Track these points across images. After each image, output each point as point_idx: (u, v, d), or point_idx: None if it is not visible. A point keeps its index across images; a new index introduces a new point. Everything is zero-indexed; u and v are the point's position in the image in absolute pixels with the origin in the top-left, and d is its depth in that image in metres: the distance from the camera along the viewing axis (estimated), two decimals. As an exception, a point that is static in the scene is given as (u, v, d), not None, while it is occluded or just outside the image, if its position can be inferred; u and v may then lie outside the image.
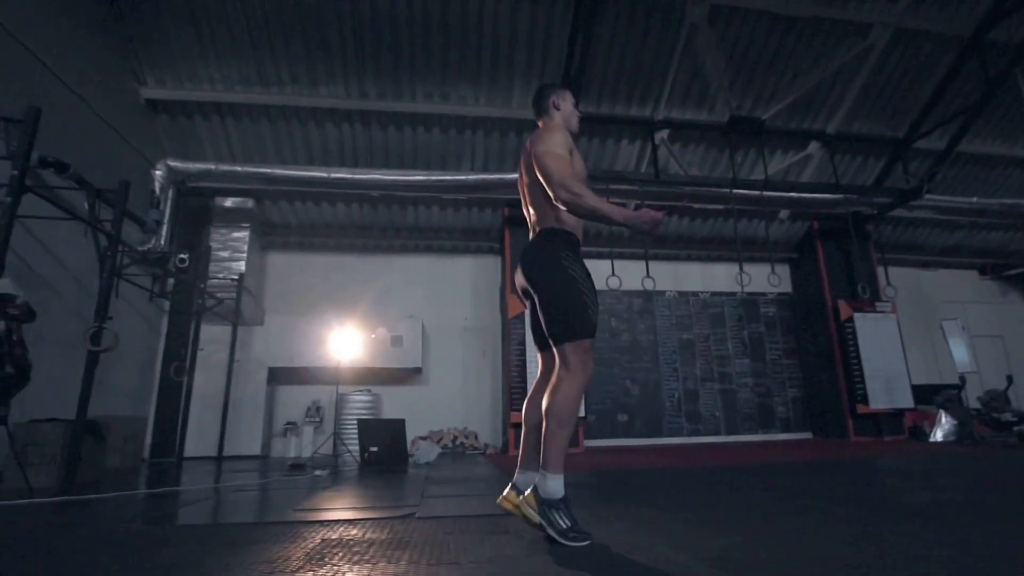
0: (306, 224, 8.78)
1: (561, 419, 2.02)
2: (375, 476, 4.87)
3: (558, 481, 2.00)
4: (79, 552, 1.99)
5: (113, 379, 6.46)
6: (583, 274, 2.17)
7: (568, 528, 1.94)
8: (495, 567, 1.65)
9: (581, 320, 2.09)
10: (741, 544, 1.89)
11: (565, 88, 2.52)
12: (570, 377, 2.06)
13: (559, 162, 2.13)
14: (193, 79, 7.08)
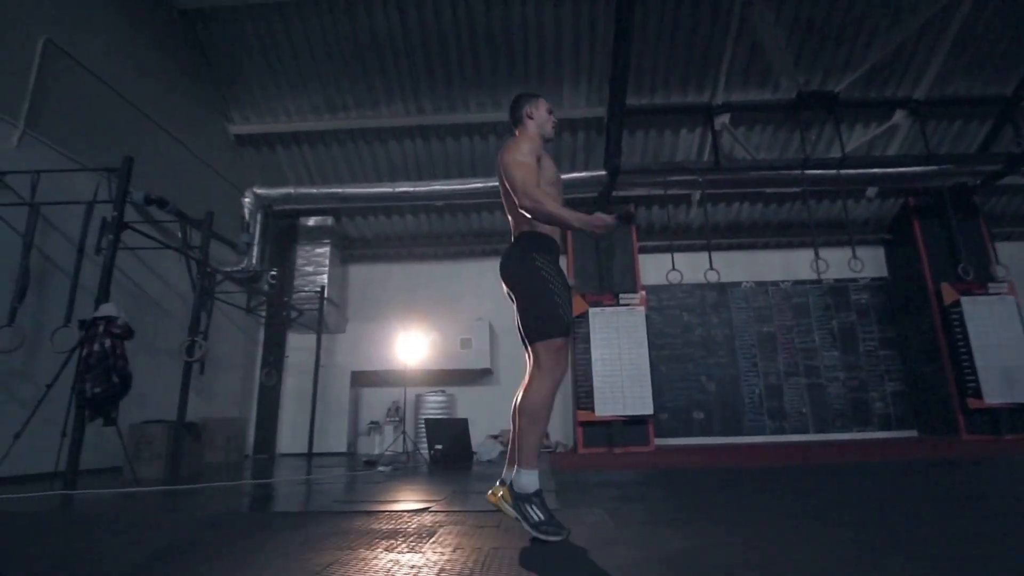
0: (380, 236, 9.38)
1: (533, 416, 2.11)
2: (434, 472, 5.15)
3: (531, 476, 2.09)
4: (181, 532, 2.38)
5: (218, 385, 7.33)
6: (556, 276, 2.24)
7: (540, 521, 2.02)
8: (470, 554, 1.78)
9: (552, 320, 2.16)
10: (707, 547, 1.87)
11: (538, 96, 2.59)
12: (542, 375, 2.14)
13: (522, 170, 2.22)
14: (272, 113, 7.86)
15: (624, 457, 6.55)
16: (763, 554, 1.72)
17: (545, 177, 2.33)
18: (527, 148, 2.30)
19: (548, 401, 2.14)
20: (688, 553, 1.75)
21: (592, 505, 2.83)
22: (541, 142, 2.50)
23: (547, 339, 2.15)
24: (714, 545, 1.86)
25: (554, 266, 2.28)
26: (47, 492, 3.67)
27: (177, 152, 6.83)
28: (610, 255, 8.36)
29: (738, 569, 1.54)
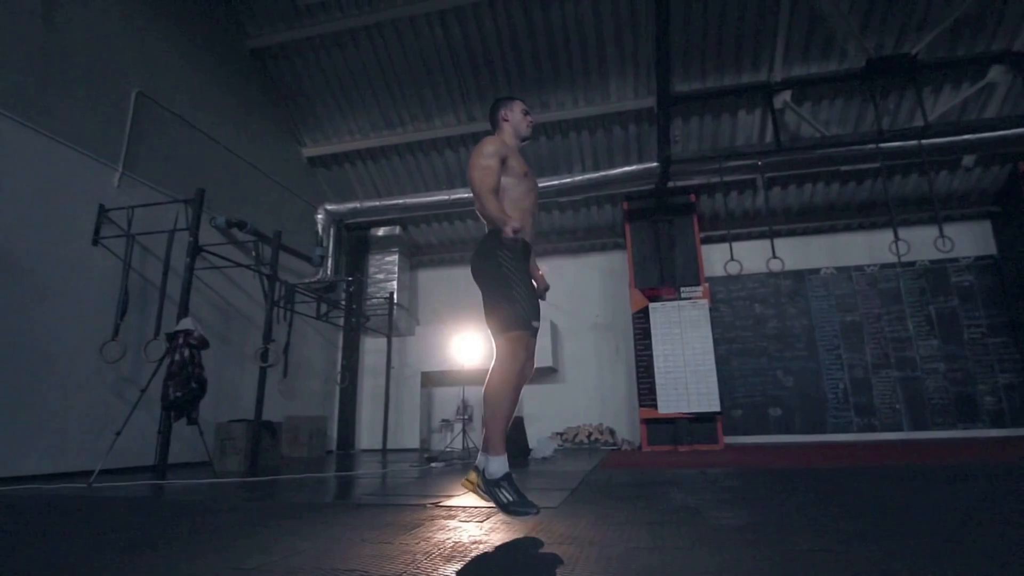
0: (444, 242, 9.77)
1: (492, 405, 2.21)
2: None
3: (498, 461, 2.19)
4: (261, 517, 2.76)
5: (301, 386, 8.04)
6: (518, 272, 2.32)
7: (510, 502, 2.13)
8: (433, 546, 1.93)
9: (511, 314, 2.25)
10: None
11: (513, 99, 2.67)
12: (499, 366, 2.24)
13: (479, 171, 2.33)
14: (337, 134, 8.47)
15: (690, 456, 6.37)
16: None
17: (512, 175, 2.43)
18: (489, 151, 2.40)
19: (505, 391, 2.22)
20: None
21: (622, 508, 2.86)
22: (516, 142, 2.60)
23: (506, 332, 2.25)
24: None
25: (518, 263, 2.35)
26: (142, 482, 4.29)
27: (256, 178, 7.58)
28: (671, 248, 8.12)
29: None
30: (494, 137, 2.49)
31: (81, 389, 4.78)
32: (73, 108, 5.15)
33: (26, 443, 4.36)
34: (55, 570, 1.64)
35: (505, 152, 2.43)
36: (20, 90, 4.69)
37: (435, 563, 1.67)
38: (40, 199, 4.78)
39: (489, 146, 2.42)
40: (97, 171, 5.35)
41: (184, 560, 1.76)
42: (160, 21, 6.25)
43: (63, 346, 4.72)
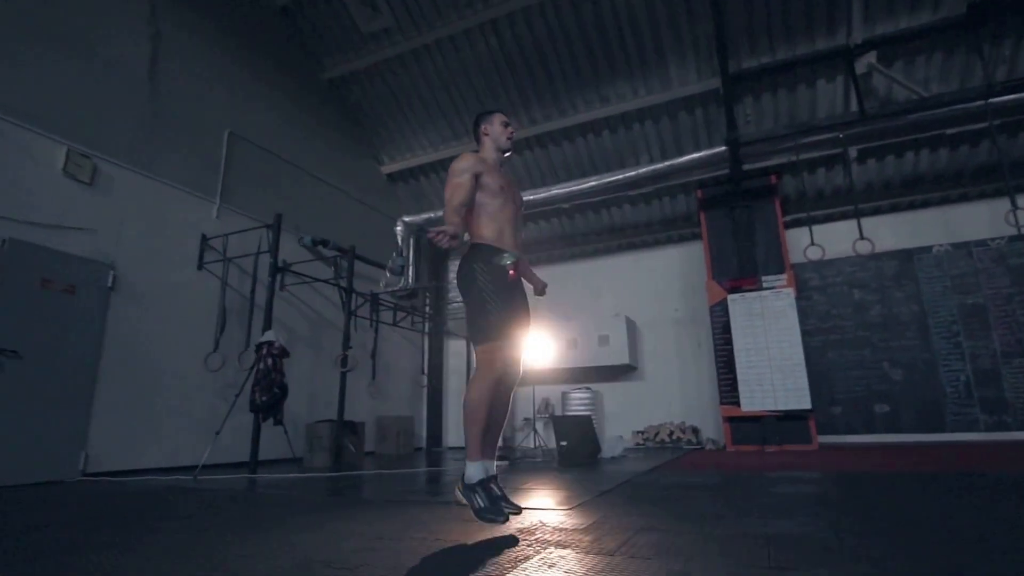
0: (538, 240, 9.93)
1: (469, 413, 2.30)
2: (547, 467, 5.42)
3: (475, 467, 2.29)
4: (341, 506, 3.15)
5: (390, 388, 8.61)
6: (493, 285, 2.38)
7: (482, 508, 2.22)
8: (437, 538, 2.09)
9: (484, 326, 2.33)
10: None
11: (493, 113, 2.73)
12: (478, 376, 2.32)
13: (450, 188, 2.42)
14: (411, 150, 8.96)
15: (776, 457, 5.97)
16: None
17: (487, 190, 2.49)
18: (462, 167, 2.48)
19: (482, 400, 2.29)
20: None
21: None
22: (497, 156, 2.67)
23: (480, 344, 2.33)
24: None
25: (493, 275, 2.41)
26: (238, 475, 4.90)
27: (339, 197, 8.25)
28: (750, 235, 7.62)
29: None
30: (468, 154, 2.57)
31: (189, 395, 5.55)
32: (176, 153, 5.98)
33: (145, 441, 5.17)
34: (168, 542, 2.01)
35: (479, 168, 2.50)
36: (133, 143, 5.56)
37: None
38: (153, 234, 5.62)
39: (461, 163, 2.50)
40: (199, 206, 6.17)
41: (247, 536, 2.06)
42: (245, 66, 7.04)
43: (174, 358, 5.52)
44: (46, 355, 4.62)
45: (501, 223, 2.50)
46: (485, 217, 2.49)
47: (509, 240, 2.51)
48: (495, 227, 2.48)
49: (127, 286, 5.30)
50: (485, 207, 2.49)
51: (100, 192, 5.22)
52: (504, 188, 2.56)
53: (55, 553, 1.95)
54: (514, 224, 2.57)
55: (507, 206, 2.55)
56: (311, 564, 1.73)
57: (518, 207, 2.66)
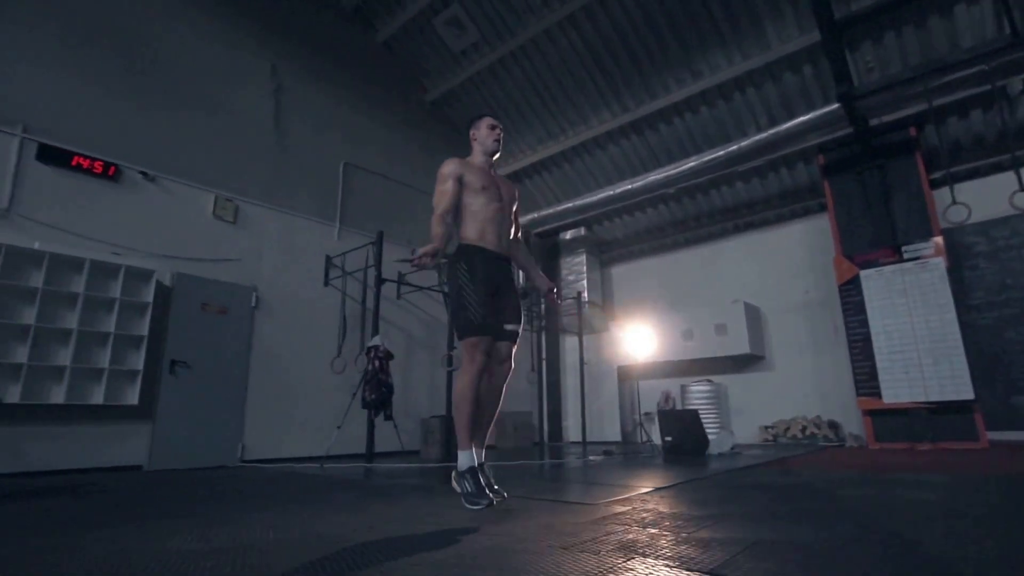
0: (630, 235, 9.69)
1: (456, 406, 2.46)
2: (646, 463, 5.30)
3: (463, 456, 2.44)
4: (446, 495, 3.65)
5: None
6: (472, 282, 2.51)
7: (467, 493, 2.38)
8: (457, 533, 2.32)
9: (462, 321, 2.48)
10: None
11: (481, 117, 2.84)
12: (462, 370, 2.49)
13: (435, 196, 2.61)
14: (513, 155, 9.27)
15: (929, 456, 5.15)
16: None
17: (470, 190, 2.62)
18: (445, 172, 2.64)
19: (467, 393, 2.43)
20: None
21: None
22: (483, 158, 2.78)
23: (462, 339, 2.48)
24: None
25: (474, 271, 2.53)
26: (356, 464, 5.58)
27: (447, 209, 8.84)
28: (885, 200, 6.57)
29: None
30: (451, 159, 2.72)
31: (318, 395, 6.42)
32: (301, 188, 6.96)
33: (284, 434, 6.11)
34: (300, 517, 2.52)
35: (460, 171, 2.65)
36: (265, 184, 6.60)
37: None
38: (286, 258, 6.61)
39: (444, 168, 2.67)
40: (322, 230, 7.10)
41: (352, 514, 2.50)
42: (356, 102, 7.91)
43: (306, 364, 6.44)
44: (208, 365, 5.73)
45: (482, 222, 2.61)
46: (468, 216, 2.63)
47: (491, 238, 2.62)
48: (477, 226, 2.61)
49: (267, 305, 6.33)
50: (468, 207, 2.63)
51: (242, 228, 6.30)
52: (487, 187, 2.67)
53: (230, 514, 2.52)
54: (498, 222, 2.66)
55: (490, 204, 2.65)
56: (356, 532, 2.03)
57: (506, 204, 2.74)
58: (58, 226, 4.98)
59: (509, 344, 2.62)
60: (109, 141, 5.45)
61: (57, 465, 4.67)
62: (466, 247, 2.61)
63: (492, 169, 2.82)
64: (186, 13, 6.30)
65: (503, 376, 2.61)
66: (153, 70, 5.89)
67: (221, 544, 1.90)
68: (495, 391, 2.60)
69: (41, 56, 5.19)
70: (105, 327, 5.05)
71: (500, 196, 2.72)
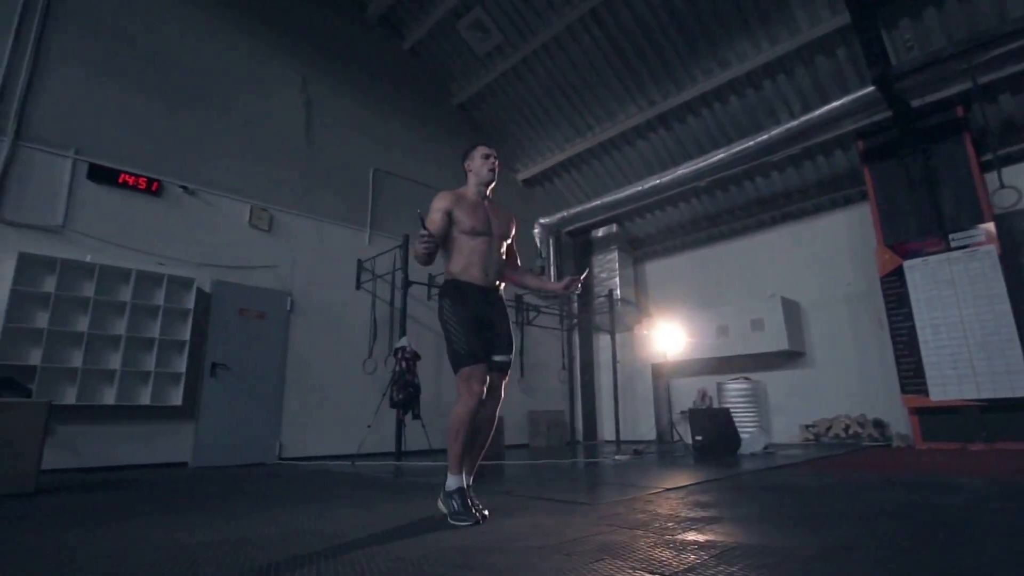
0: (662, 230, 9.51)
1: (449, 433, 2.48)
2: (662, 462, 5.22)
3: (453, 479, 2.47)
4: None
5: (539, 383, 8.99)
6: (454, 315, 2.54)
7: (453, 512, 2.41)
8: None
9: (453, 355, 2.52)
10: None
11: (475, 147, 2.84)
12: (459, 400, 2.50)
13: (428, 222, 2.61)
14: (542, 154, 9.27)
15: (981, 458, 4.86)
16: None
17: (460, 227, 2.64)
18: (435, 207, 2.65)
19: (463, 421, 2.45)
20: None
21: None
22: (478, 189, 2.78)
23: (456, 370, 2.51)
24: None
25: (459, 305, 2.55)
26: (386, 462, 5.74)
27: (477, 210, 8.94)
28: (930, 185, 6.20)
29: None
30: (444, 192, 2.71)
31: (351, 395, 6.62)
32: (332, 195, 7.19)
33: (318, 433, 6.33)
34: (307, 513, 2.71)
35: (450, 206, 2.65)
36: (298, 193, 6.86)
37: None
38: (319, 264, 6.85)
39: (435, 203, 2.66)
40: (353, 236, 7.32)
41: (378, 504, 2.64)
42: (383, 109, 8.10)
43: (339, 365, 6.65)
44: (247, 367, 6.02)
45: (468, 255, 2.62)
46: (455, 252, 2.65)
47: (476, 272, 2.62)
48: (462, 261, 2.62)
49: (302, 309, 6.59)
50: (455, 241, 2.65)
51: (277, 236, 6.58)
52: (475, 224, 2.65)
53: (244, 509, 2.70)
54: (484, 255, 2.65)
55: (475, 239, 2.63)
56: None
57: (496, 238, 2.72)
58: (107, 239, 5.34)
59: (499, 375, 2.63)
60: (152, 158, 5.80)
61: (110, 461, 5.02)
62: (449, 282, 2.64)
63: (486, 200, 2.81)
64: (222, 34, 6.62)
65: (494, 406, 2.63)
66: (192, 90, 6.22)
67: (224, 537, 2.02)
68: (487, 421, 2.62)
69: (89, 82, 5.58)
70: (151, 333, 5.39)
71: (490, 229, 2.72)
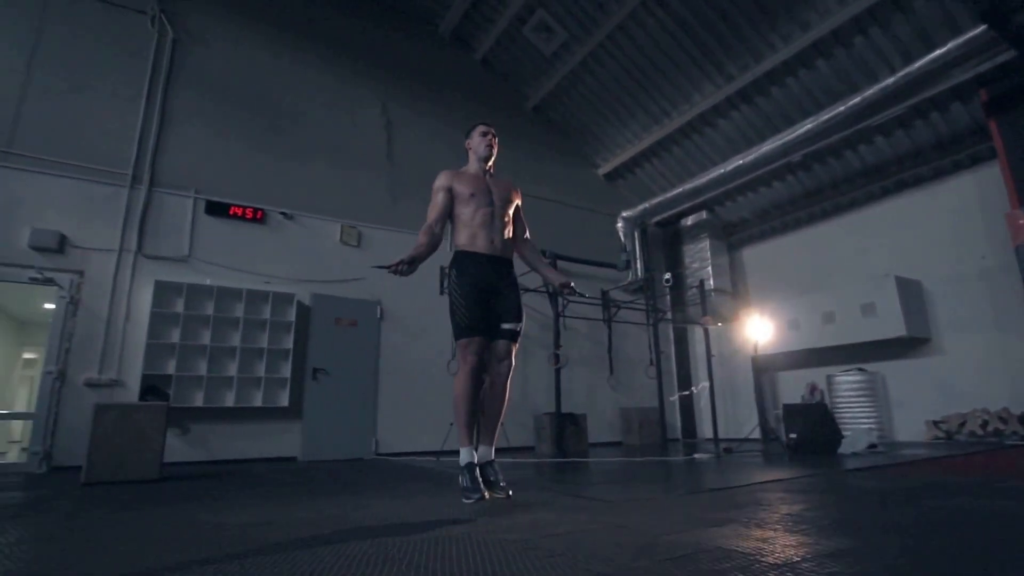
0: (757, 213, 8.85)
1: (454, 404, 2.62)
2: (744, 462, 4.92)
3: (463, 452, 2.60)
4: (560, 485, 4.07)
5: (630, 380, 8.78)
6: (459, 286, 2.67)
7: (464, 488, 2.54)
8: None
9: (455, 325, 2.65)
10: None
11: (475, 126, 2.97)
12: (458, 371, 2.64)
13: (429, 208, 2.78)
14: (620, 145, 9.09)
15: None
16: None
17: (460, 200, 2.78)
18: (436, 186, 2.84)
19: (463, 391, 2.59)
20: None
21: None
22: (479, 165, 2.91)
23: (457, 340, 2.65)
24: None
25: (463, 276, 2.69)
26: (467, 458, 6.01)
27: (559, 210, 8.98)
28: (1077, 132, 5.16)
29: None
30: (442, 172, 2.88)
31: (436, 395, 6.96)
32: (413, 207, 7.63)
33: (409, 430, 6.78)
34: (351, 503, 3.11)
35: (450, 182, 2.81)
36: (382, 209, 7.42)
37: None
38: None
39: (435, 182, 2.85)
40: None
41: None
42: (461, 119, 8.38)
43: (426, 367, 7.06)
44: (344, 371, 6.64)
45: (473, 227, 2.75)
46: (460, 224, 2.79)
47: (482, 242, 2.74)
48: (468, 232, 2.76)
49: (391, 315, 7.12)
50: (459, 216, 2.79)
51: (365, 250, 7.17)
52: (475, 194, 2.78)
53: (301, 498, 3.13)
54: (489, 225, 2.76)
55: (479, 210, 2.76)
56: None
57: (498, 207, 2.82)
58: (222, 264, 6.21)
59: (507, 342, 2.71)
60: (256, 190, 6.64)
61: (234, 455, 5.84)
62: (457, 253, 2.78)
63: (487, 174, 2.93)
64: (312, 71, 7.40)
65: (504, 374, 2.71)
66: (287, 126, 7.02)
67: (260, 519, 2.33)
68: (497, 389, 2.71)
69: (203, 131, 6.53)
70: (260, 343, 6.17)
71: (491, 200, 2.82)
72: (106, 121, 6.07)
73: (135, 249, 5.90)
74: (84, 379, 5.41)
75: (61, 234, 5.58)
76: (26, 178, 5.56)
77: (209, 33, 6.88)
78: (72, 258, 5.63)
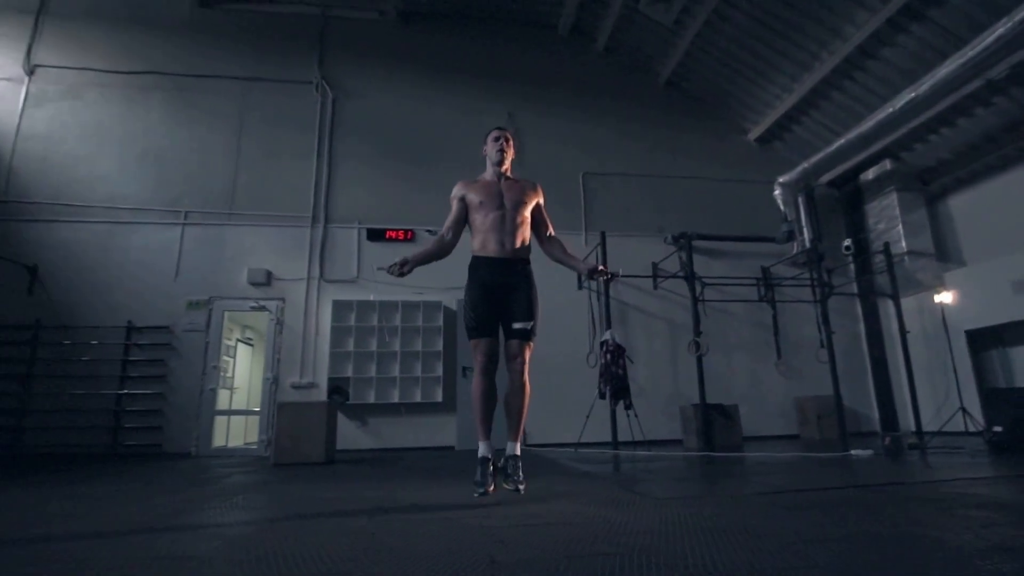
0: (959, 148, 7.06)
1: (472, 402, 2.80)
2: (919, 459, 4.12)
3: (480, 446, 2.75)
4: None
5: (804, 366, 7.74)
6: (471, 289, 2.84)
7: (474, 481, 2.70)
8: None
9: (465, 326, 2.83)
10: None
11: (489, 133, 3.07)
12: (474, 370, 2.82)
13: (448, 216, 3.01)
14: (770, 104, 8.13)
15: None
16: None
17: (472, 208, 2.95)
18: (452, 195, 3.02)
19: (476, 389, 2.77)
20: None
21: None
22: (493, 170, 3.03)
23: (470, 341, 2.83)
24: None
25: (473, 280, 2.87)
26: (603, 451, 6.06)
27: (708, 185, 8.40)
28: None
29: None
30: (460, 182, 3.05)
31: (576, 386, 7.06)
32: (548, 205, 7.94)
33: (552, 422, 7.02)
34: (428, 487, 3.70)
35: (462, 192, 2.98)
36: (514, 213, 7.85)
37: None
38: (544, 270, 7.48)
39: (456, 190, 3.01)
40: (570, 240, 7.83)
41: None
42: (589, 111, 8.48)
43: (567, 359, 7.23)
44: (490, 367, 7.21)
45: (484, 232, 2.88)
46: (474, 231, 2.95)
47: (492, 246, 2.85)
48: (480, 238, 2.90)
49: (531, 313, 7.49)
50: (473, 222, 2.95)
51: (502, 254, 7.68)
52: (485, 201, 2.89)
53: (403, 480, 3.78)
54: (499, 228, 2.86)
55: (489, 214, 2.87)
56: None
57: (510, 209, 2.90)
58: (381, 281, 7.27)
59: (519, 342, 2.80)
60: (406, 214, 7.60)
61: (401, 444, 6.80)
62: (472, 259, 2.93)
63: (501, 178, 3.02)
64: (447, 96, 8.29)
65: (517, 372, 2.79)
66: (427, 150, 7.90)
67: (339, 496, 2.84)
68: (514, 386, 2.81)
69: (361, 168, 7.75)
70: (416, 347, 7.08)
71: (502, 204, 2.91)
72: (290, 176, 7.60)
73: (318, 276, 7.28)
74: (290, 382, 6.89)
75: (268, 271, 7.17)
76: (243, 231, 7.28)
77: (361, 88, 8.11)
78: (277, 288, 7.20)
